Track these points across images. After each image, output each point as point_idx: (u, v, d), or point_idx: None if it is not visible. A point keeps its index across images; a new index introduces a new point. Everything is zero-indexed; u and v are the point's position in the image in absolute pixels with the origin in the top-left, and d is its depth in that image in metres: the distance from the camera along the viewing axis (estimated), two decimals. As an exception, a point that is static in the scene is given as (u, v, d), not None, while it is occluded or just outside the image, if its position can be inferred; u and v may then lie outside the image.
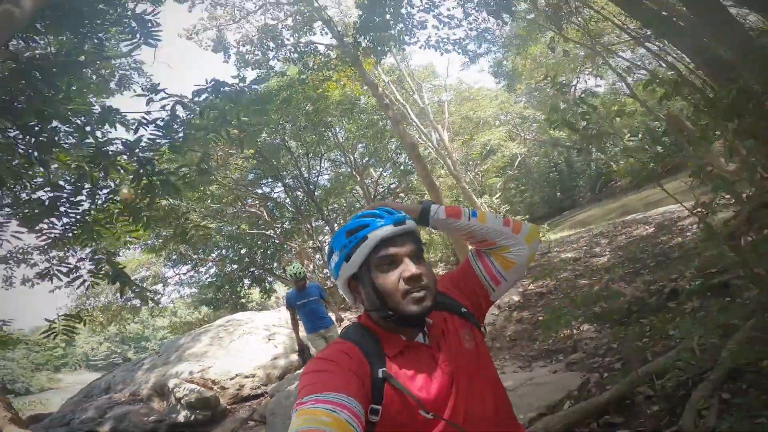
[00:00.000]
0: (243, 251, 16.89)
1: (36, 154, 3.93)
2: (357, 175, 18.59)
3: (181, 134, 3.97)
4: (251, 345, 6.77)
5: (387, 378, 0.81)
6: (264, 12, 12.82)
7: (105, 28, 4.55)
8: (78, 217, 4.09)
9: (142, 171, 3.80)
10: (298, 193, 16.86)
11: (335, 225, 21.14)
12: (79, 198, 4.10)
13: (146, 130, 4.01)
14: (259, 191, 17.41)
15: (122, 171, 3.96)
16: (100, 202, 4.02)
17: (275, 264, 17.74)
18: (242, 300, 17.19)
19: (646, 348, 2.70)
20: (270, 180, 16.81)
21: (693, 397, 1.91)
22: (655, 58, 8.51)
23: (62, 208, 4.00)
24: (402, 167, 18.51)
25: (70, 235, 4.07)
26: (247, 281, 17.58)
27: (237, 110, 4.55)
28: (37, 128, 3.87)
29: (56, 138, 4.05)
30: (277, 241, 16.43)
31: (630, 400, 2.15)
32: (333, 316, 5.04)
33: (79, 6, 4.31)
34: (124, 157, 3.92)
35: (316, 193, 16.89)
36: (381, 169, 20.06)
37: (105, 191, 4.20)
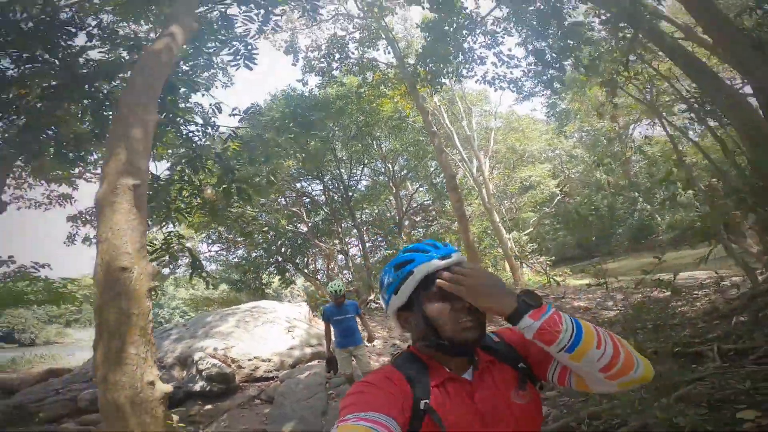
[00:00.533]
0: (273, 239, 18.01)
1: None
2: (393, 186, 19.55)
3: (260, 150, 4.97)
4: (273, 333, 7.72)
5: (428, 410, 0.85)
6: (335, 21, 13.96)
7: (218, 48, 5.63)
8: (164, 203, 5.16)
9: (225, 177, 4.82)
10: (334, 195, 17.88)
11: (364, 230, 22.15)
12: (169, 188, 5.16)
13: (233, 142, 5.04)
14: (298, 185, 18.60)
15: (209, 173, 5.01)
16: (185, 194, 5.07)
17: (300, 257, 18.88)
18: (263, 286, 18.33)
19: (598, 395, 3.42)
20: (310, 177, 17.97)
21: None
22: (703, 123, 8.94)
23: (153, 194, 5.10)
24: (438, 186, 19.26)
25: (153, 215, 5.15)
26: (271, 269, 18.61)
27: (306, 135, 5.51)
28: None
29: (162, 135, 5.14)
30: (306, 237, 17.49)
31: (570, 433, 2.87)
32: (365, 335, 5.30)
33: (201, 29, 5.44)
34: (213, 162, 4.96)
35: (352, 196, 17.92)
36: (417, 185, 20.90)
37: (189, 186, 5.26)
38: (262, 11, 5.37)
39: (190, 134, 4.77)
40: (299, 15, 6.58)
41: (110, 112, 4.94)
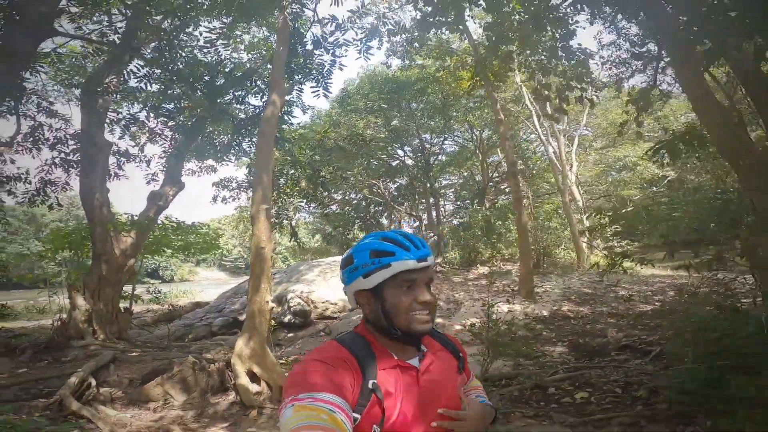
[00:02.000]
0: (359, 201, 21.16)
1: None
2: (480, 153, 21.08)
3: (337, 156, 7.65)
4: (342, 283, 10.61)
5: (375, 389, 0.95)
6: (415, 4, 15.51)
7: (303, 80, 8.32)
8: (275, 188, 8.16)
9: (313, 173, 7.61)
10: (418, 162, 19.98)
11: (448, 194, 24.17)
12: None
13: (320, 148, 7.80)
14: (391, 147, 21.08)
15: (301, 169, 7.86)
16: (289, 184, 8.02)
17: (386, 215, 21.90)
18: (349, 240, 21.85)
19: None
20: (394, 146, 20.42)
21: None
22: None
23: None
24: (524, 156, 20.23)
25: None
26: (358, 222, 21.98)
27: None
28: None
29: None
30: (387, 200, 20.26)
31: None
32: None
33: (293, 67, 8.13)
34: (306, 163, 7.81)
35: (434, 163, 19.89)
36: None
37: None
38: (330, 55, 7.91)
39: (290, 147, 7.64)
40: (357, 56, 8.88)
41: (242, 128, 8.03)
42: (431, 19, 8.92)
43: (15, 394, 5.14)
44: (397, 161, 21.35)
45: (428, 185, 19.99)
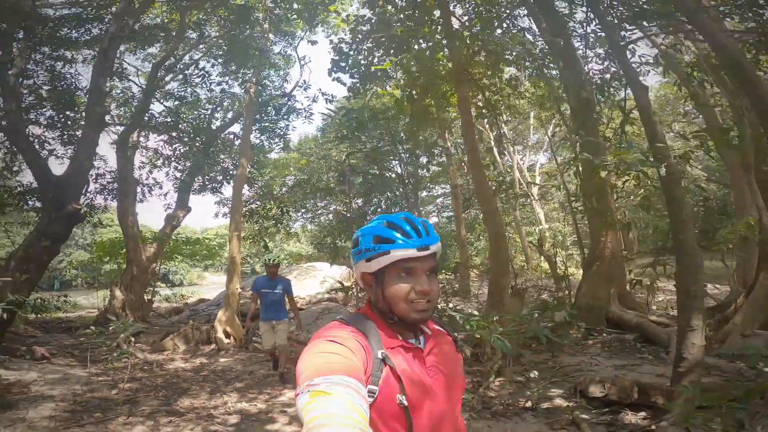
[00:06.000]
0: (344, 217, 24.63)
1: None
2: (463, 168, 24.30)
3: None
4: (311, 283, 14.28)
5: (385, 359, 1.00)
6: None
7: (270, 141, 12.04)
8: (255, 214, 11.89)
9: (281, 207, 11.28)
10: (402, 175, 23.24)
11: (437, 210, 27.44)
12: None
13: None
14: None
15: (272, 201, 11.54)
16: (264, 212, 11.71)
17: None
18: (336, 248, 25.25)
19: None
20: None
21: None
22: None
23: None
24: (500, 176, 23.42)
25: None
26: (344, 236, 25.36)
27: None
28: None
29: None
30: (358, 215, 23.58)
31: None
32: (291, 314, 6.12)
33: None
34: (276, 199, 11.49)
35: (409, 182, 23.18)
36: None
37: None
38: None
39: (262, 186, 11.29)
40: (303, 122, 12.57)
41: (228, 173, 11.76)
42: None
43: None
44: (389, 174, 24.63)
45: (412, 198, 23.32)
